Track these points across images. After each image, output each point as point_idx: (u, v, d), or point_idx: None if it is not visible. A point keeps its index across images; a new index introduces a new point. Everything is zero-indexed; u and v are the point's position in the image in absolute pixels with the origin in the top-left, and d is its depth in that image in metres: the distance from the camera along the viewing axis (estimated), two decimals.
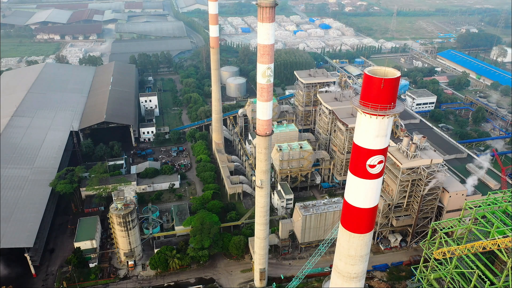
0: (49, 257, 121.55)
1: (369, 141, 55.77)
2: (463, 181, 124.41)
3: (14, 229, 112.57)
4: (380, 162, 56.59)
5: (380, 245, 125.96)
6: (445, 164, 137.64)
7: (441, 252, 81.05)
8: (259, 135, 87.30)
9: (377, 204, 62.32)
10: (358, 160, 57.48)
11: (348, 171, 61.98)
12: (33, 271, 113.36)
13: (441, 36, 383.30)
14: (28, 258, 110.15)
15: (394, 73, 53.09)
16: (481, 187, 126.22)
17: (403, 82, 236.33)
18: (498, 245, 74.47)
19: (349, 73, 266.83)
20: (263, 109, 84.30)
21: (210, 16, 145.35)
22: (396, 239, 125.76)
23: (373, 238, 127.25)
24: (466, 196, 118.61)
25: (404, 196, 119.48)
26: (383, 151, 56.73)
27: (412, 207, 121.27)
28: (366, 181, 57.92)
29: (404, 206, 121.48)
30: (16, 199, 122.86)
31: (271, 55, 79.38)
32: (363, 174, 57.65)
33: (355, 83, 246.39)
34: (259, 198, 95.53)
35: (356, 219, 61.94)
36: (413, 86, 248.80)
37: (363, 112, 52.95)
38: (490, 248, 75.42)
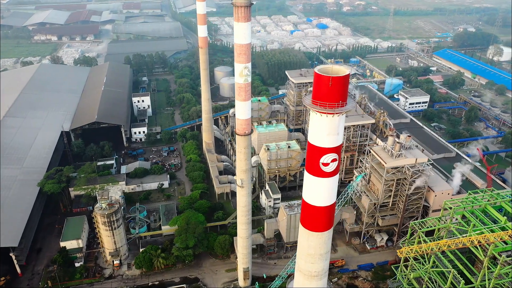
0: (36, 257, 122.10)
1: (321, 139, 55.93)
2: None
3: (0, 228, 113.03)
4: (333, 160, 56.68)
5: (366, 245, 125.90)
6: (432, 163, 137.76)
7: (411, 250, 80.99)
8: (238, 135, 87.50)
9: (334, 203, 62.50)
10: (312, 159, 57.68)
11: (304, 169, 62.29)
12: (18, 270, 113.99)
13: (438, 36, 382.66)
14: (13, 257, 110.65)
15: (344, 71, 53.24)
16: (469, 186, 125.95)
17: (397, 81, 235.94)
18: (470, 243, 74.30)
19: None
20: (241, 109, 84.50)
21: (198, 16, 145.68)
22: (382, 238, 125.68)
23: (359, 238, 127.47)
24: (452, 195, 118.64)
25: (390, 196, 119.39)
26: (336, 149, 56.80)
27: (398, 207, 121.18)
28: (321, 179, 58.06)
29: (390, 205, 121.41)
30: (3, 199, 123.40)
31: (248, 54, 79.60)
32: (318, 172, 57.79)
33: (349, 82, 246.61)
34: (240, 197, 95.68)
35: (314, 218, 62.08)
36: (408, 85, 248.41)
37: (313, 110, 53.52)
38: (464, 245, 75.34)
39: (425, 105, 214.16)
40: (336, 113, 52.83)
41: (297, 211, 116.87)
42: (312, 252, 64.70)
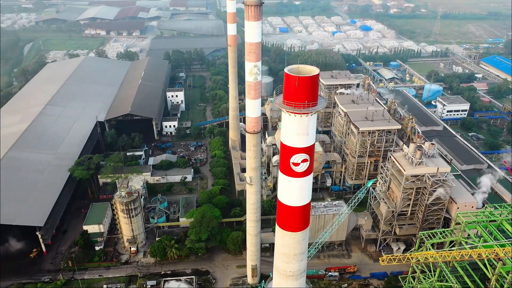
0: (62, 238, 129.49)
1: (291, 139, 55.57)
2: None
3: (29, 209, 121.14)
4: (304, 160, 56.08)
5: (382, 253, 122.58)
6: (459, 174, 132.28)
7: (393, 258, 78.07)
8: (248, 132, 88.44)
9: (308, 204, 61.65)
10: (283, 158, 57.44)
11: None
12: (44, 249, 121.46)
13: (489, 41, 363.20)
14: (39, 236, 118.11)
15: (314, 71, 52.67)
16: (496, 200, 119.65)
17: (436, 87, 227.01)
18: (468, 256, 70.57)
19: (381, 76, 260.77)
20: (251, 107, 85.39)
21: (228, 15, 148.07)
22: (399, 248, 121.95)
23: (376, 245, 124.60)
24: (477, 208, 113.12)
25: (409, 204, 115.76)
26: (307, 150, 56.13)
27: (417, 216, 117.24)
28: (293, 179, 57.62)
29: (409, 214, 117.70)
30: (34, 182, 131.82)
31: (258, 53, 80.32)
32: (289, 172, 57.47)
33: (386, 86, 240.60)
34: (250, 195, 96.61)
35: (287, 217, 61.71)
36: (449, 92, 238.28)
37: (282, 109, 53.63)
38: (462, 258, 71.77)
39: (464, 114, 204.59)
40: (304, 113, 52.48)
41: (312, 213, 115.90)
42: (286, 252, 64.55)
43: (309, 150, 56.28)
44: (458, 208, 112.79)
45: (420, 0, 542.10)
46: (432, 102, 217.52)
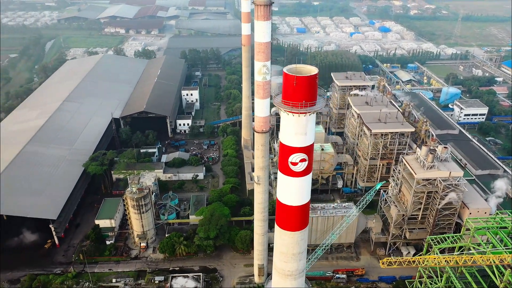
0: (74, 231, 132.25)
1: (289, 139, 55.42)
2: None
3: (43, 202, 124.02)
4: (302, 160, 55.86)
5: (392, 257, 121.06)
6: (473, 179, 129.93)
7: (394, 261, 77.02)
8: (256, 132, 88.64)
9: (306, 204, 61.29)
10: (282, 157, 57.36)
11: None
12: (56, 241, 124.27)
13: None
14: (52, 229, 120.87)
15: (312, 71, 52.36)
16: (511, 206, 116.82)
17: (454, 90, 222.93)
18: (471, 262, 69.14)
19: (398, 78, 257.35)
20: (260, 106, 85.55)
21: (243, 14, 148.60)
22: (409, 252, 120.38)
23: (385, 249, 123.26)
24: (490, 214, 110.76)
25: (419, 208, 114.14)
26: (305, 150, 55.88)
27: (428, 221, 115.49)
28: (291, 179, 57.47)
29: (419, 218, 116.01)
30: (49, 176, 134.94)
31: (267, 52, 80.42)
32: (287, 171, 57.34)
33: (402, 88, 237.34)
34: (257, 194, 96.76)
35: (285, 216, 61.53)
36: (467, 95, 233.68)
37: (280, 108, 53.53)
38: (478, 263, 70.36)
39: (483, 118, 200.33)
40: (302, 113, 52.33)
41: (319, 214, 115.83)
42: (284, 251, 64.49)
43: (308, 150, 56.17)
44: (470, 213, 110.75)
45: (442, 1, 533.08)
46: (450, 106, 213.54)
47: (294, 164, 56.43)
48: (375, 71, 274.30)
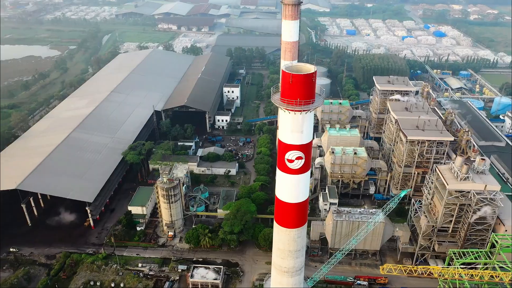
0: (109, 215, 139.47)
1: (286, 136, 55.01)
2: None
3: (82, 185, 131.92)
4: (298, 158, 55.24)
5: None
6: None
7: (395, 268, 73.93)
8: None
9: (304, 202, 60.41)
10: (280, 154, 57.06)
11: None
12: (91, 223, 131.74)
13: None
14: (88, 211, 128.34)
15: (310, 69, 51.70)
16: None
17: (507, 100, 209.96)
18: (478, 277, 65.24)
19: (448, 85, 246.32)
20: None
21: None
22: (437, 265, 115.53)
23: (412, 259, 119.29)
24: None
25: (451, 221, 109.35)
26: (301, 148, 55.21)
27: (459, 234, 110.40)
28: (287, 176, 57.05)
29: (450, 231, 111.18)
30: (90, 162, 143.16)
31: (294, 52, 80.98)
32: (284, 168, 57.01)
33: (451, 96, 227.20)
34: None
35: (282, 213, 61.09)
36: None
37: (277, 105, 53.45)
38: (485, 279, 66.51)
39: None
40: (297, 110, 52.08)
41: (345, 218, 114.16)
42: (281, 247, 64.31)
43: (304, 148, 56.07)
44: (506, 230, 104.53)
45: (506, 6, 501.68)
46: (501, 117, 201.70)
47: (290, 161, 56.63)
48: (423, 77, 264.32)
